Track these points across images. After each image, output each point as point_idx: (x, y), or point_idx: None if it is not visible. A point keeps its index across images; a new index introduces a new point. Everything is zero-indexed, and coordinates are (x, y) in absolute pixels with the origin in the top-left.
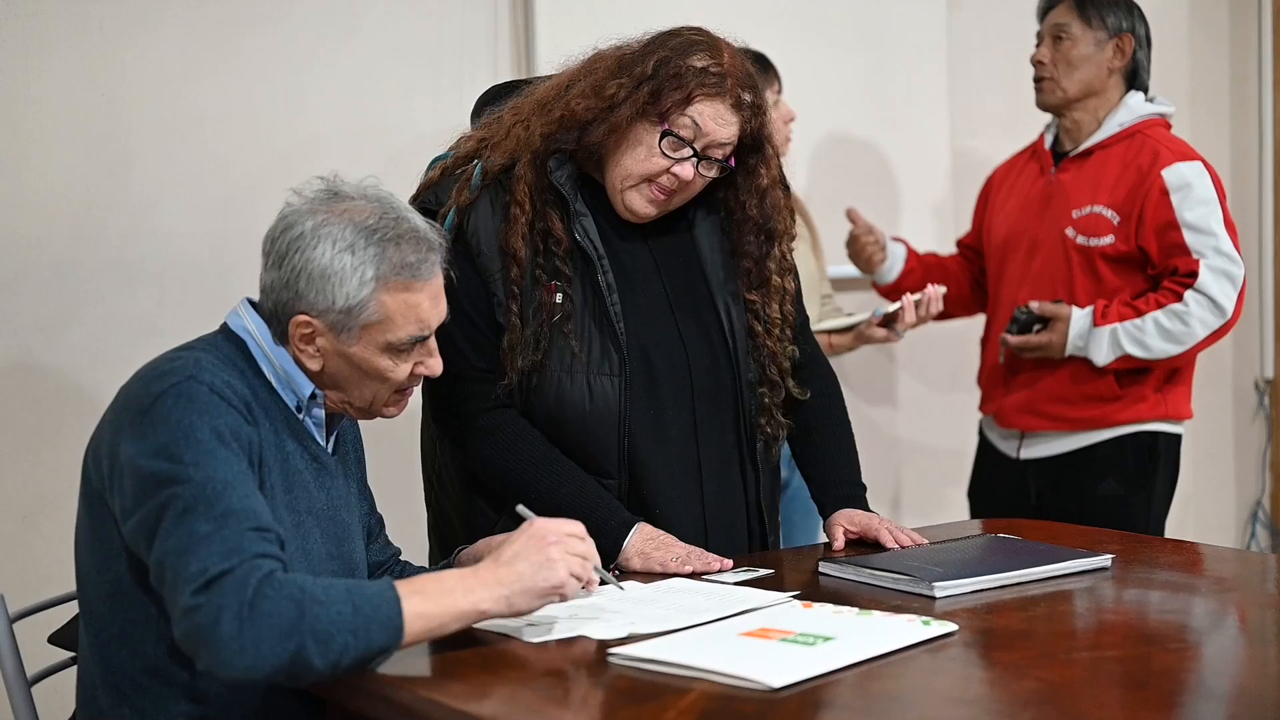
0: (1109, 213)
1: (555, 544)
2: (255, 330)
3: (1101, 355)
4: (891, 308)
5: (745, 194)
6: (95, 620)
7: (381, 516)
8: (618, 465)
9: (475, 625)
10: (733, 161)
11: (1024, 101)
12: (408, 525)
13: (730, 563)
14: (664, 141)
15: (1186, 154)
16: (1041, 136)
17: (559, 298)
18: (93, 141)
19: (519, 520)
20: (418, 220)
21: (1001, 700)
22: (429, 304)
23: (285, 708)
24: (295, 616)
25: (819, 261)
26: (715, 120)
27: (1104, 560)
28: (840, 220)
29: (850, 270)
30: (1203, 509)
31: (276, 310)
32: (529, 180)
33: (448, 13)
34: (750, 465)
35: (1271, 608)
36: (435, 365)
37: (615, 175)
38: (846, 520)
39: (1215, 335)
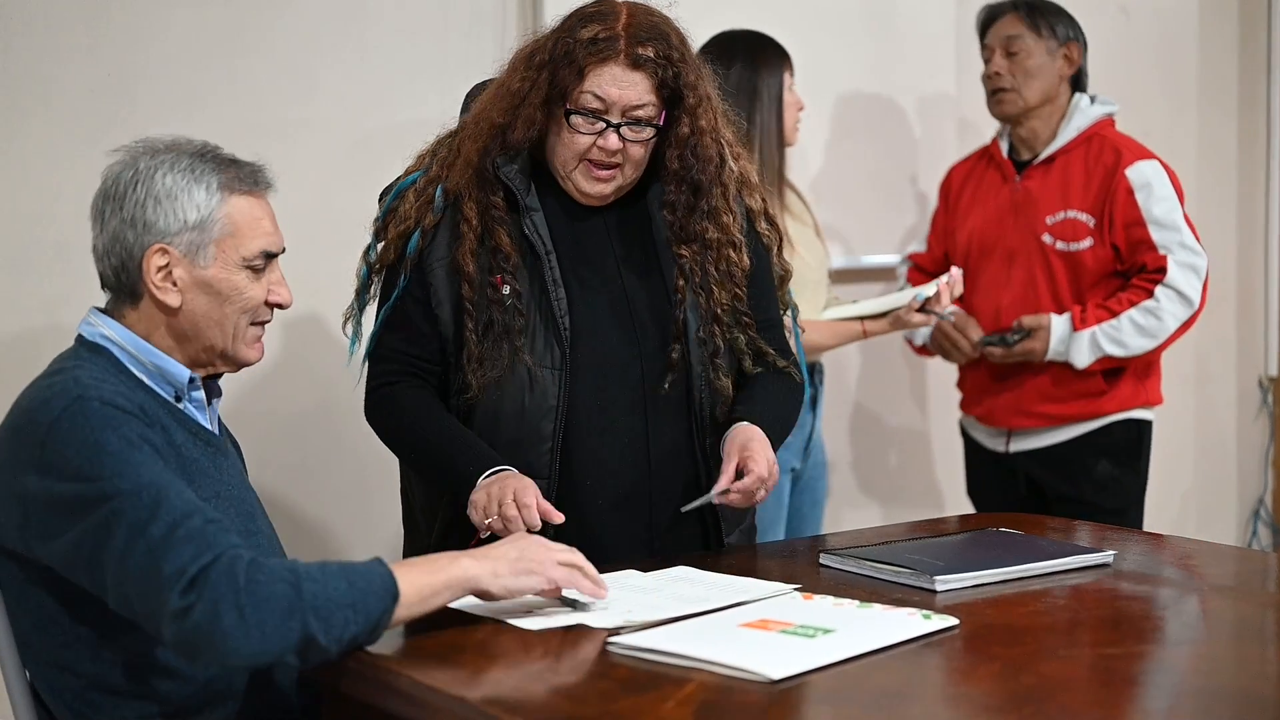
0: (1084, 216)
1: (539, 544)
2: (114, 334)
3: (1082, 359)
4: (930, 291)
5: (668, 147)
6: (29, 650)
7: None
8: (549, 463)
9: (477, 610)
10: (662, 119)
11: None
12: (397, 520)
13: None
14: (572, 120)
15: (1143, 153)
16: (996, 143)
17: (506, 290)
18: (98, 121)
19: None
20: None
21: (1001, 695)
22: (269, 222)
23: (266, 702)
24: (293, 596)
25: (824, 248)
26: (615, 85)
27: (1106, 556)
28: (846, 210)
29: (847, 261)
30: (1204, 506)
31: (124, 263)
32: (474, 197)
33: None
34: (702, 458)
35: (1272, 607)
36: (286, 294)
37: (555, 164)
38: (734, 446)
39: (1185, 326)
